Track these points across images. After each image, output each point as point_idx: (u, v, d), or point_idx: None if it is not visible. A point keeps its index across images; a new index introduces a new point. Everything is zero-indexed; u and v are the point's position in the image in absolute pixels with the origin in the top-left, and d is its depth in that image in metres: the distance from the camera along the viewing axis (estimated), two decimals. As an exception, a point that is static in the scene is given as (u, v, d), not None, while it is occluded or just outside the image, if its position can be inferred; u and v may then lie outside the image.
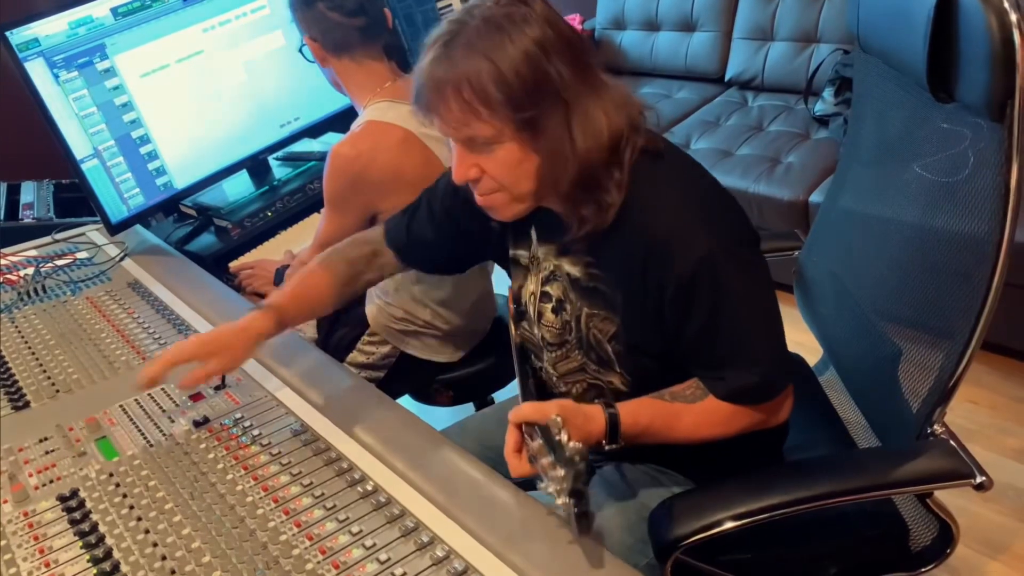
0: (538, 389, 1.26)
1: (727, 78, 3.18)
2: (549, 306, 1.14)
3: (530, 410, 0.92)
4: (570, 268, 1.09)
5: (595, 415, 0.96)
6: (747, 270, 0.98)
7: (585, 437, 0.94)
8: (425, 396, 1.78)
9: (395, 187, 1.46)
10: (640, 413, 0.99)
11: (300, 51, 1.61)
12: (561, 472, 0.80)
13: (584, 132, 0.94)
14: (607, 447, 0.97)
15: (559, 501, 0.82)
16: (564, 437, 0.81)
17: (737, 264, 0.96)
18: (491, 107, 0.91)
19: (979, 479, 0.97)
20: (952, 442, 1.04)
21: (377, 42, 1.54)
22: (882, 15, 1.15)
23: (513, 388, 1.47)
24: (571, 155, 0.94)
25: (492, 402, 1.86)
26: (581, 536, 0.81)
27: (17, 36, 1.53)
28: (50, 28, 1.57)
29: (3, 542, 0.97)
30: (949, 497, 1.08)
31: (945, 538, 1.10)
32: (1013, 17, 0.88)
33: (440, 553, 0.89)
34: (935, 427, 1.06)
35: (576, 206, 0.98)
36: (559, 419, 0.84)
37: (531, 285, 1.17)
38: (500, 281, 1.54)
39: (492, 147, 0.95)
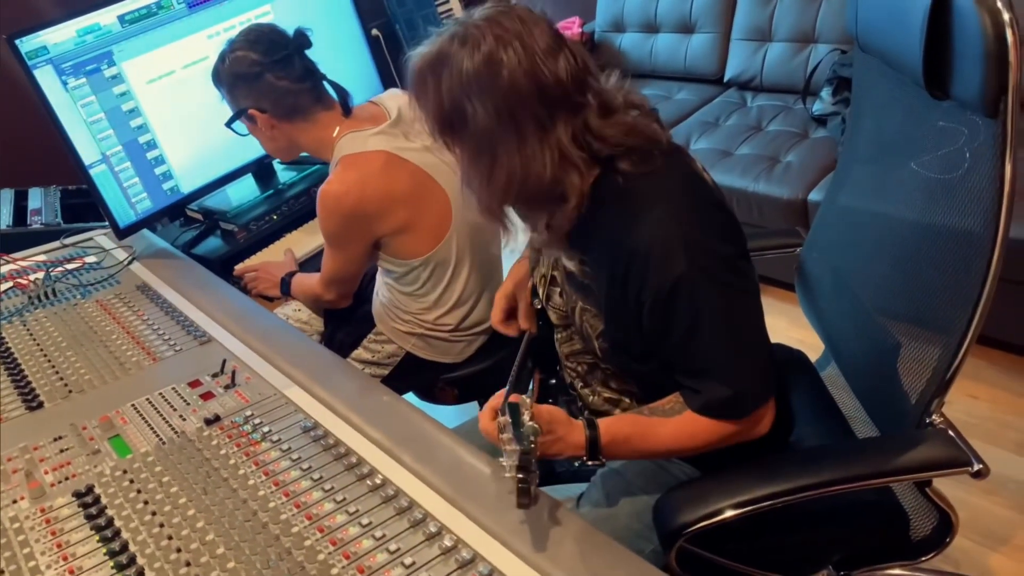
0: (541, 389, 1.30)
1: (726, 79, 3.20)
2: (557, 290, 1.18)
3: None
4: (567, 262, 1.13)
5: (578, 428, 1.02)
6: (726, 290, 0.98)
7: (563, 446, 1.00)
8: (429, 394, 1.80)
9: (390, 209, 1.48)
10: (619, 429, 1.04)
11: (229, 126, 1.55)
12: (515, 447, 0.86)
13: (497, 175, 0.97)
14: (590, 463, 1.02)
15: (507, 475, 0.88)
16: (526, 417, 0.89)
17: (715, 284, 0.97)
18: (428, 119, 1.00)
19: (976, 466, 0.99)
20: (950, 431, 1.05)
21: (324, 94, 1.54)
22: (879, 15, 1.17)
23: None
24: (486, 191, 0.99)
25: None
26: (519, 509, 0.88)
27: (26, 44, 1.56)
28: (58, 36, 1.60)
29: (21, 537, 0.99)
30: (949, 490, 1.10)
31: (945, 528, 1.12)
32: (1006, 16, 0.90)
33: (448, 543, 0.91)
34: (933, 418, 1.08)
35: (530, 220, 1.05)
36: (527, 400, 0.91)
37: (542, 268, 1.22)
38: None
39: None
